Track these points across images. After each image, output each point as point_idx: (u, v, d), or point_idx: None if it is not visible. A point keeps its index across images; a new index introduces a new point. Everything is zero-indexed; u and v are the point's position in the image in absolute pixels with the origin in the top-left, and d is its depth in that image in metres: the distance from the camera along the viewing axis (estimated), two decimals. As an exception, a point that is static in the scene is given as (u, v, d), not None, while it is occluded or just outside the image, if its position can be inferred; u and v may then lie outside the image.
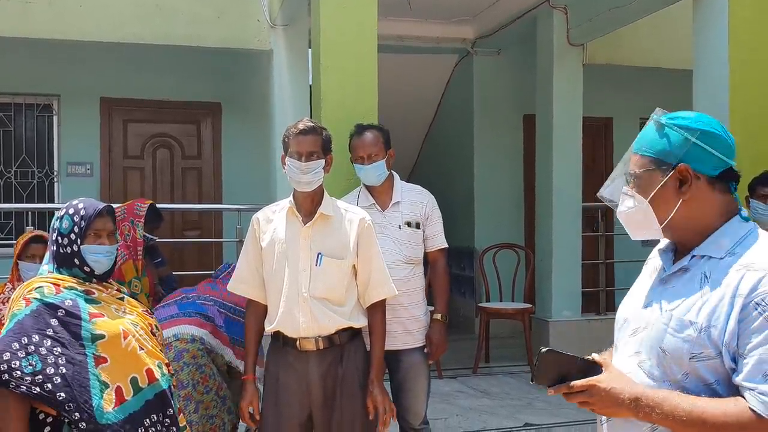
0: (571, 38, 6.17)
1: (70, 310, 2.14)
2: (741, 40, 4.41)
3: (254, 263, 2.79)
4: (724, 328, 1.45)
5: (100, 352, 2.12)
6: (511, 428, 4.35)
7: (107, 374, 2.12)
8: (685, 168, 1.55)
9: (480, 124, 7.44)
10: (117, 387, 2.12)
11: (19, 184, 6.50)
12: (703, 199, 1.56)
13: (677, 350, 1.51)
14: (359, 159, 3.21)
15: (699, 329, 1.48)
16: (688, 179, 1.55)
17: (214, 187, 6.97)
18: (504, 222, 7.39)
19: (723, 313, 1.45)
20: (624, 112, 7.83)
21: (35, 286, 2.19)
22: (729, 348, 1.44)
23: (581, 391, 1.58)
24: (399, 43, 6.91)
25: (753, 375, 1.41)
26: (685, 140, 1.56)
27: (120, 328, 2.18)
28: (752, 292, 1.43)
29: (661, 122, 1.60)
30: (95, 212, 2.28)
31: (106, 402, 2.09)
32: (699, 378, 1.49)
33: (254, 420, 2.76)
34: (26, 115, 6.56)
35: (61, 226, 2.27)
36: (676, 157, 1.56)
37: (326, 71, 3.65)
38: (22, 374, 2.02)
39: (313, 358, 2.69)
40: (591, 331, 5.89)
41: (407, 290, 3.18)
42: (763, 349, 1.40)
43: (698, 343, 1.48)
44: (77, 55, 6.22)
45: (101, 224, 2.29)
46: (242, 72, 6.73)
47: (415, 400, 3.23)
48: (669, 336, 1.53)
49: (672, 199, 1.57)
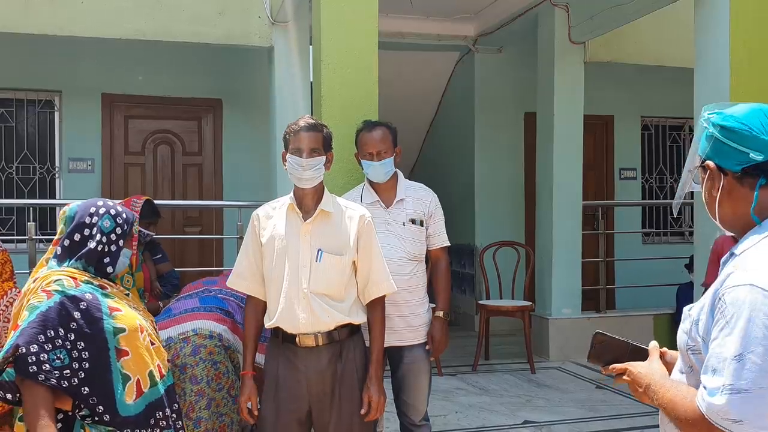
0: (573, 36, 6.18)
1: (91, 303, 2.15)
2: (742, 39, 4.41)
3: (254, 259, 2.80)
4: (705, 321, 1.48)
5: (122, 345, 2.14)
6: (510, 425, 4.36)
7: (129, 367, 2.14)
8: (708, 165, 1.54)
9: (481, 121, 7.44)
10: (137, 379, 2.16)
11: (20, 179, 6.51)
12: (735, 196, 1.52)
13: (681, 342, 1.57)
14: (368, 155, 3.21)
15: (692, 322, 1.52)
16: (715, 176, 1.53)
17: (214, 184, 6.98)
18: (504, 219, 7.41)
19: (707, 308, 1.47)
20: (625, 110, 7.84)
21: (53, 278, 2.17)
22: (706, 341, 1.46)
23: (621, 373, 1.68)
24: (400, 41, 6.92)
25: (705, 368, 1.41)
26: (709, 136, 1.55)
27: (137, 323, 2.22)
28: (719, 287, 1.44)
29: (702, 119, 1.58)
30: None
31: (127, 394, 2.12)
32: (699, 371, 1.49)
33: (252, 415, 2.77)
34: (28, 111, 6.57)
35: (102, 224, 2.30)
36: (705, 153, 1.56)
37: (327, 68, 3.65)
38: (51, 368, 2.02)
39: (312, 354, 2.69)
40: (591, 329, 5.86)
41: (410, 287, 3.20)
42: (715, 343, 1.40)
43: (691, 335, 1.52)
44: (78, 51, 6.24)
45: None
46: (243, 69, 6.74)
47: (417, 397, 3.24)
48: (680, 329, 1.59)
49: (710, 196, 1.56)
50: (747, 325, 1.35)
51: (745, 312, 1.36)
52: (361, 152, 3.26)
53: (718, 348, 1.38)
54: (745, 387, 1.33)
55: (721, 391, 1.35)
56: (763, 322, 1.34)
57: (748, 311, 1.36)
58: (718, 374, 1.36)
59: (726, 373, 1.35)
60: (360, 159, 3.28)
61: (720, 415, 1.34)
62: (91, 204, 2.34)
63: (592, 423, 4.40)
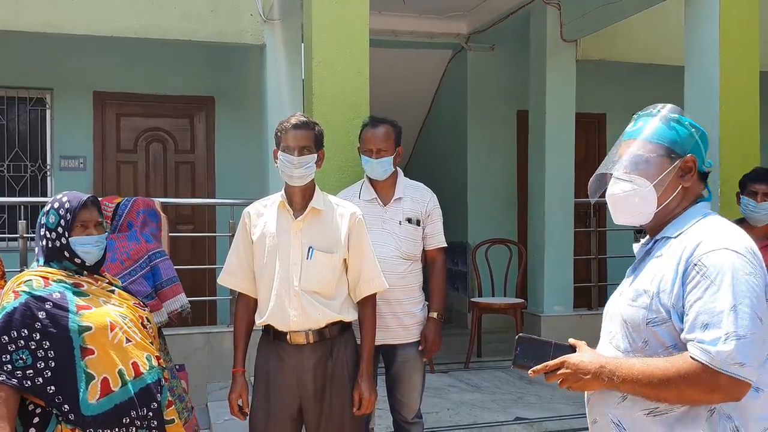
0: (565, 34, 6.19)
1: (57, 302, 2.15)
2: (732, 38, 4.44)
3: (245, 256, 2.80)
4: (671, 291, 1.61)
5: (87, 344, 2.13)
6: (503, 422, 4.36)
7: (93, 366, 2.13)
8: (692, 158, 1.74)
9: (473, 119, 7.45)
10: (103, 378, 2.13)
11: (12, 178, 6.49)
12: (693, 189, 1.76)
13: (635, 318, 1.67)
14: (368, 152, 3.21)
15: (651, 295, 1.64)
16: (692, 169, 1.74)
17: (207, 182, 6.97)
18: (497, 217, 7.42)
19: (670, 279, 1.63)
20: (617, 108, 7.84)
21: (24, 279, 2.20)
22: (676, 309, 1.61)
23: (556, 369, 1.72)
24: (392, 38, 6.93)
25: (693, 327, 1.55)
26: (691, 136, 1.75)
27: (107, 320, 2.19)
28: (690, 256, 1.61)
29: (671, 116, 1.77)
30: (80, 204, 2.30)
31: (90, 394, 2.11)
32: (658, 343, 1.63)
33: (243, 413, 2.77)
34: (19, 109, 6.54)
35: (48, 221, 2.28)
36: (684, 148, 1.74)
37: (318, 65, 3.65)
38: (14, 368, 2.04)
39: (303, 352, 2.70)
40: (582, 326, 5.92)
41: (404, 286, 3.20)
42: (701, 302, 1.55)
43: (651, 308, 1.63)
44: (70, 48, 6.21)
45: (87, 215, 2.31)
46: (235, 66, 6.73)
47: (410, 394, 3.25)
48: (628, 307, 1.70)
49: (673, 185, 1.73)
50: (733, 281, 1.54)
51: (728, 270, 1.55)
52: (362, 147, 3.26)
53: (708, 304, 1.54)
54: (743, 333, 1.50)
55: (724, 340, 1.50)
56: (744, 278, 1.54)
57: (731, 269, 1.55)
58: (714, 327, 1.52)
59: (725, 324, 1.51)
60: (360, 153, 3.28)
61: (728, 360, 1.49)
62: (47, 203, 2.34)
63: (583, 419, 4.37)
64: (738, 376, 1.49)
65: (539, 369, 1.74)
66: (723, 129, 4.38)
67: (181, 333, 5.03)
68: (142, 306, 2.46)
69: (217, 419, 4.40)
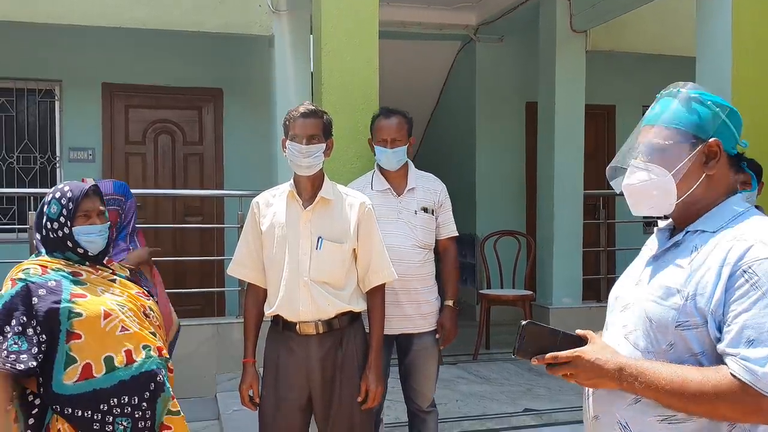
0: (574, 25, 6.15)
1: (52, 289, 2.16)
2: (744, 29, 4.39)
3: (254, 247, 2.80)
4: (711, 296, 1.44)
5: (75, 329, 2.13)
6: (511, 413, 4.37)
7: (78, 350, 2.13)
8: (716, 143, 1.54)
9: (482, 111, 7.42)
10: (86, 363, 2.13)
11: (21, 169, 6.51)
12: (722, 177, 1.57)
13: (663, 318, 1.51)
14: (382, 142, 3.21)
15: (685, 297, 1.48)
16: (717, 155, 1.54)
17: (215, 173, 6.97)
18: (505, 209, 7.40)
19: (710, 282, 1.45)
20: (627, 100, 7.81)
21: (23, 267, 2.21)
22: (715, 316, 1.44)
23: (566, 363, 1.58)
24: (401, 30, 6.89)
25: (736, 341, 1.39)
26: (716, 116, 1.55)
27: (101, 309, 2.18)
28: (739, 261, 1.43)
29: (691, 96, 1.58)
30: (82, 193, 2.28)
31: (67, 375, 2.11)
32: (685, 348, 1.48)
33: (254, 403, 2.77)
34: (28, 101, 6.56)
35: (49, 210, 2.27)
36: (707, 132, 1.55)
37: (327, 57, 3.64)
38: (8, 353, 2.06)
39: (312, 342, 2.69)
40: (591, 318, 5.90)
41: (421, 275, 3.23)
42: (748, 315, 1.39)
43: (684, 311, 1.48)
44: (79, 40, 6.22)
45: (90, 204, 2.29)
46: (244, 58, 6.72)
47: (425, 383, 3.28)
48: (655, 304, 1.53)
49: (695, 174, 1.55)
50: None
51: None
52: (375, 138, 3.26)
53: (757, 319, 1.38)
54: None
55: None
56: None
57: None
58: (762, 344, 1.36)
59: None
60: (373, 145, 3.28)
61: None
62: (47, 193, 2.33)
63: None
64: None
65: (548, 358, 1.58)
66: (734, 120, 4.35)
67: (191, 324, 5.04)
68: (148, 295, 2.43)
69: (226, 410, 4.41)
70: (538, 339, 1.61)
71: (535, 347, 1.61)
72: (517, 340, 1.61)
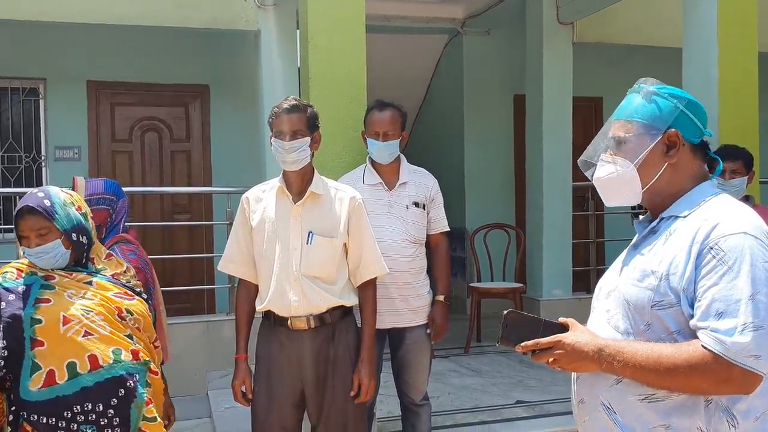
0: (561, 17, 6.14)
1: (20, 294, 2.16)
2: (730, 18, 4.40)
3: (244, 243, 2.78)
4: (682, 274, 1.52)
5: (38, 336, 2.12)
6: (504, 405, 4.37)
7: (42, 357, 2.12)
8: (675, 133, 1.64)
9: (470, 104, 7.42)
10: (49, 370, 2.11)
11: (6, 169, 6.44)
12: (685, 165, 1.66)
13: (639, 299, 1.59)
14: (374, 135, 3.20)
15: (659, 277, 1.56)
16: (677, 144, 1.64)
17: (203, 170, 6.93)
18: (494, 202, 7.41)
19: (681, 261, 1.53)
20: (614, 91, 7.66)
21: (3, 271, 2.22)
22: (687, 293, 1.51)
23: (548, 348, 1.64)
24: (388, 23, 6.86)
25: (706, 314, 1.47)
26: (674, 107, 1.66)
27: (60, 315, 2.14)
28: (706, 239, 1.51)
29: (650, 90, 1.69)
30: (15, 215, 2.22)
31: (33, 382, 2.11)
32: (662, 328, 1.55)
33: (247, 399, 2.76)
34: (12, 99, 6.49)
35: None
36: (665, 122, 1.65)
37: (314, 51, 3.61)
38: None
39: (304, 337, 2.69)
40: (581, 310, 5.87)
41: (413, 269, 3.22)
42: (716, 288, 1.47)
43: (659, 291, 1.55)
44: (63, 37, 6.16)
45: (23, 225, 2.20)
46: (230, 53, 6.68)
47: (418, 377, 3.28)
48: (632, 287, 1.62)
49: (658, 163, 1.65)
50: (751, 269, 1.46)
51: (747, 257, 1.47)
52: (368, 131, 3.25)
53: (724, 292, 1.46)
54: (760, 324, 1.43)
55: (741, 330, 1.43)
56: (763, 265, 1.47)
57: (750, 256, 1.47)
58: (730, 316, 1.44)
59: (742, 313, 1.43)
60: (366, 138, 3.26)
61: (743, 352, 1.42)
62: None
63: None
64: (753, 369, 1.42)
65: (530, 345, 1.64)
66: (722, 109, 4.36)
67: (181, 322, 5.02)
68: (130, 296, 2.32)
69: (218, 407, 4.39)
70: (521, 327, 1.67)
71: (518, 335, 1.66)
72: (501, 329, 1.67)
